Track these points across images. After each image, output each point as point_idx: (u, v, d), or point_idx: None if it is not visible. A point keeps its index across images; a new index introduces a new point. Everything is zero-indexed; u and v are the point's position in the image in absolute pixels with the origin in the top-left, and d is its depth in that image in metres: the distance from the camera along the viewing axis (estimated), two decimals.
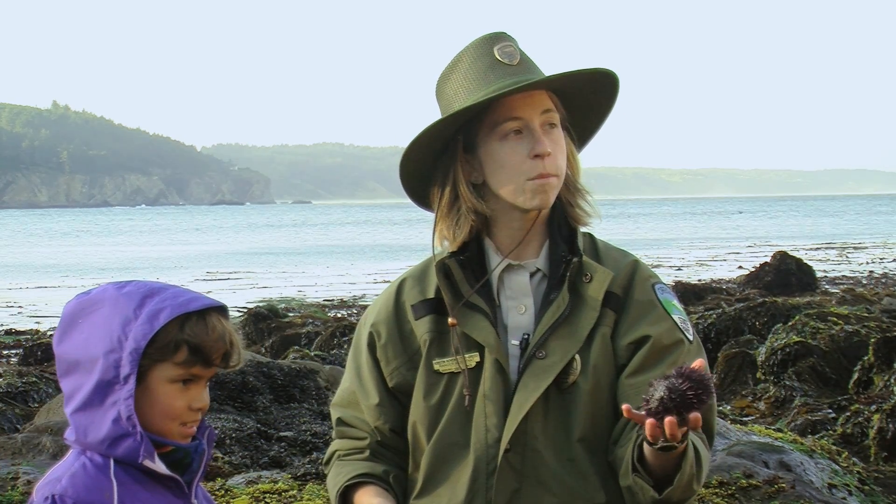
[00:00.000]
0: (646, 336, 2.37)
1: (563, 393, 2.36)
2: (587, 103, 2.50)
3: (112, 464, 2.07)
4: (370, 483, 2.43)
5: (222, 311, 2.14)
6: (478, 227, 2.45)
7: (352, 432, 2.52)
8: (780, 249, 20.67)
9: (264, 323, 14.50)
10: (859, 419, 7.43)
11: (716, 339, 10.34)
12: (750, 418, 8.17)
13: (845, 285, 21.99)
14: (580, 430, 2.36)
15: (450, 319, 2.42)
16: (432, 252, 2.49)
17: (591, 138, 2.57)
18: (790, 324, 9.45)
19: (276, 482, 5.51)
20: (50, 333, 15.61)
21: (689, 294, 16.16)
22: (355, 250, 46.99)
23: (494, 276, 2.45)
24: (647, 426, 2.10)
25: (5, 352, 14.79)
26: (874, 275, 26.27)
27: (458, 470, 2.39)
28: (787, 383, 8.75)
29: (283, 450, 6.57)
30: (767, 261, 19.33)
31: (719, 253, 38.97)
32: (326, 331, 13.15)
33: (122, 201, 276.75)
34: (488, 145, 2.43)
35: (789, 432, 6.66)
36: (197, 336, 2.07)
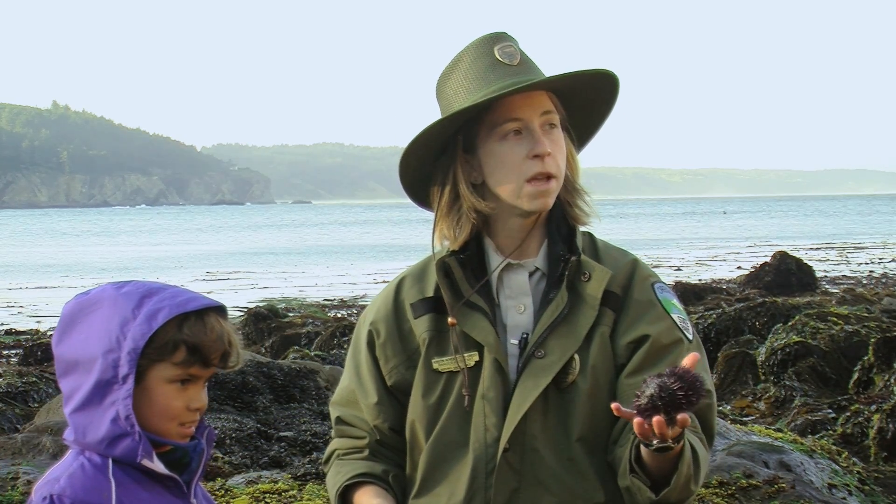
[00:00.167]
0: (645, 335, 2.37)
1: (562, 392, 2.36)
2: (587, 104, 2.50)
3: (110, 464, 2.07)
4: (370, 483, 2.43)
5: (221, 311, 2.14)
6: (478, 226, 2.45)
7: (351, 431, 2.51)
8: (780, 249, 20.65)
9: (264, 323, 14.50)
10: (859, 419, 7.43)
11: (716, 339, 10.33)
12: (750, 418, 8.17)
13: (845, 285, 21.99)
14: (579, 429, 2.35)
15: (450, 319, 2.41)
16: (432, 251, 2.49)
17: (590, 139, 2.56)
18: (790, 324, 9.45)
19: (276, 482, 5.51)
20: (50, 333, 15.60)
21: (689, 294, 16.16)
22: (355, 250, 46.98)
23: (494, 275, 2.45)
24: (635, 424, 2.10)
25: (5, 352, 14.78)
26: (874, 275, 26.28)
27: (456, 469, 2.39)
28: (787, 383, 8.75)
29: (283, 450, 6.57)
30: (767, 261, 19.32)
31: (719, 253, 38.97)
32: (326, 331, 13.15)
33: (122, 201, 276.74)
34: (488, 145, 2.42)
35: (789, 432, 6.66)
36: (195, 336, 2.07)
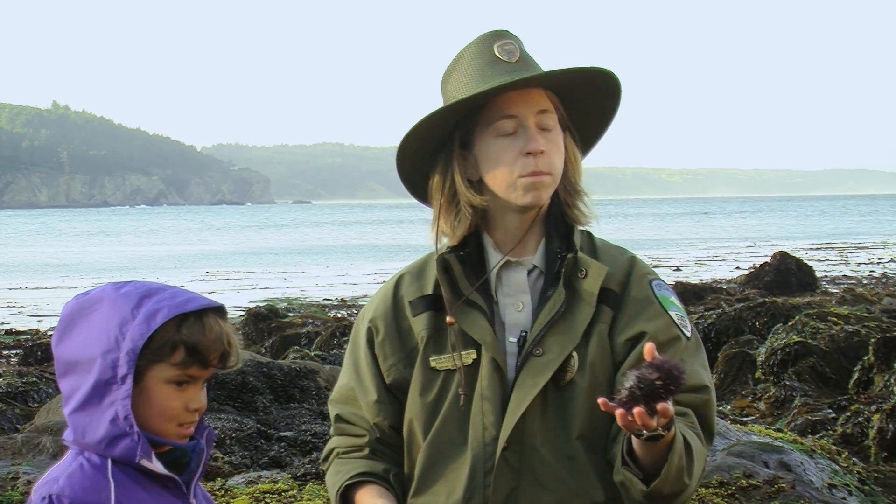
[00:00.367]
0: (642, 332, 2.36)
1: (561, 390, 2.36)
2: (590, 106, 2.49)
3: (110, 464, 2.07)
4: (371, 482, 2.42)
5: (220, 311, 2.13)
6: (476, 222, 2.46)
7: (350, 429, 2.51)
8: (780, 249, 20.64)
9: (264, 323, 14.50)
10: (859, 419, 7.43)
11: (716, 339, 10.32)
12: (750, 418, 8.17)
13: (845, 285, 21.99)
14: (579, 427, 2.35)
15: (448, 318, 2.41)
16: (434, 247, 2.49)
17: (595, 142, 2.56)
18: (790, 324, 9.45)
19: (276, 482, 5.51)
20: (50, 333, 15.60)
21: (689, 294, 16.14)
22: (355, 250, 46.98)
23: (492, 273, 2.45)
24: (618, 417, 2.10)
25: (5, 352, 14.77)
26: (874, 275, 26.27)
27: (454, 468, 2.38)
28: (787, 383, 8.74)
29: (283, 450, 6.57)
30: (767, 261, 19.31)
31: (719, 253, 38.97)
32: (326, 331, 13.14)
33: (122, 201, 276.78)
34: (483, 142, 2.43)
35: (789, 432, 6.66)
36: (194, 337, 2.07)
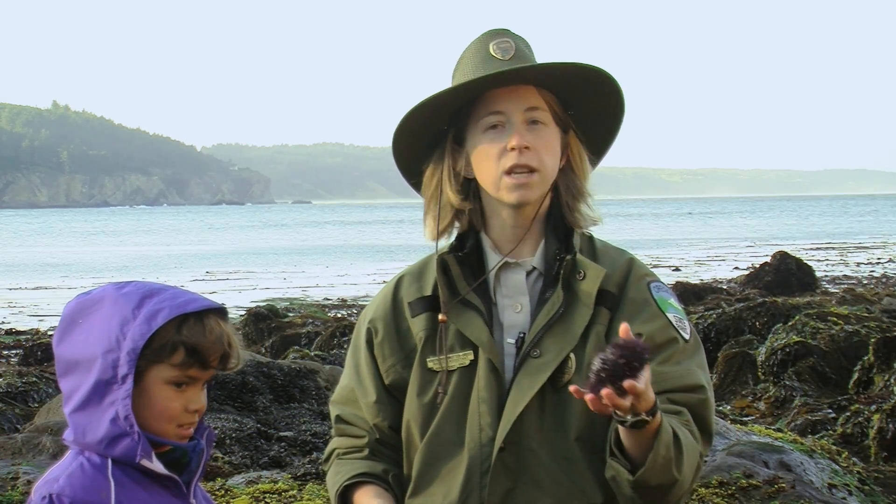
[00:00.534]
0: (638, 334, 2.35)
1: (559, 392, 2.35)
2: (594, 108, 2.49)
3: (110, 464, 2.07)
4: (370, 483, 2.42)
5: (221, 312, 2.13)
6: (470, 221, 2.47)
7: (351, 430, 2.51)
8: (780, 249, 20.63)
9: (264, 323, 14.49)
10: (859, 419, 7.43)
11: (716, 339, 10.32)
12: (750, 418, 8.17)
13: (845, 285, 21.98)
14: (576, 429, 2.34)
15: (440, 315, 2.42)
16: (436, 247, 2.49)
17: (607, 146, 2.55)
18: (790, 324, 9.44)
19: (276, 482, 5.51)
20: (50, 333, 15.61)
21: (689, 294, 16.13)
22: (355, 250, 46.97)
23: (491, 274, 2.45)
24: (588, 402, 2.09)
25: (5, 352, 14.76)
26: (874, 275, 26.27)
27: (451, 469, 2.38)
28: (787, 383, 8.74)
29: (283, 450, 6.57)
30: (767, 261, 19.30)
31: (719, 253, 38.97)
32: (326, 331, 13.14)
33: (122, 201, 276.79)
34: (473, 138, 2.45)
35: (789, 432, 6.66)
36: (194, 338, 2.07)
